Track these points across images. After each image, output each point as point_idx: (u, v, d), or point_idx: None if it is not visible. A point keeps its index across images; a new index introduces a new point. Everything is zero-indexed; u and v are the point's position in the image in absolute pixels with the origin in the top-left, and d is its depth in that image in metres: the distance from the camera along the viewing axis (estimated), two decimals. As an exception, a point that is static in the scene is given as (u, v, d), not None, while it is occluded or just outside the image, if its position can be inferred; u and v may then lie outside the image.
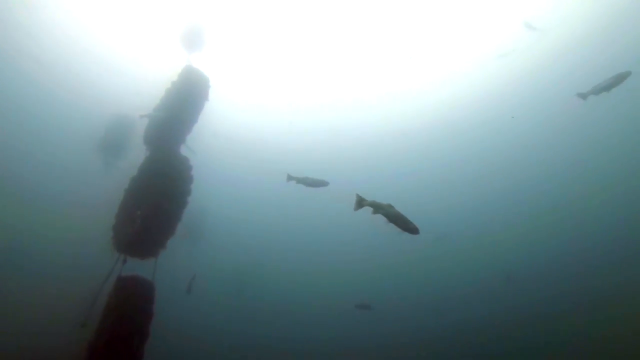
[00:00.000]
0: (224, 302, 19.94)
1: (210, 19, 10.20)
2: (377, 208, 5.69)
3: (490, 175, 32.51)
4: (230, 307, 19.67)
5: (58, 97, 24.68)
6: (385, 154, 32.65)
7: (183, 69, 9.00)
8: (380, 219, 5.68)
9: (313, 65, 27.72)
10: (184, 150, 8.88)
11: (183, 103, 8.43)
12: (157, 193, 7.97)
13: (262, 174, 28.91)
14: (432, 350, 19.12)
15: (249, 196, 29.25)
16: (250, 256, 23.62)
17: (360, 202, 5.89)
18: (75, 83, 24.90)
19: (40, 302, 12.89)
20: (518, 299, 22.61)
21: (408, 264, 25.85)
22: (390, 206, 5.62)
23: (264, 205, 28.89)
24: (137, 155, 8.96)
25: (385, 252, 25.41)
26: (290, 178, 8.94)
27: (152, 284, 7.52)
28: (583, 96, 9.01)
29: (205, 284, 18.83)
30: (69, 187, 20.88)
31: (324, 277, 25.67)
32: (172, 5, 17.38)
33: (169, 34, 10.23)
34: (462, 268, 26.66)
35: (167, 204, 7.92)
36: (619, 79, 8.33)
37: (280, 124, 30.09)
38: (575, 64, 25.72)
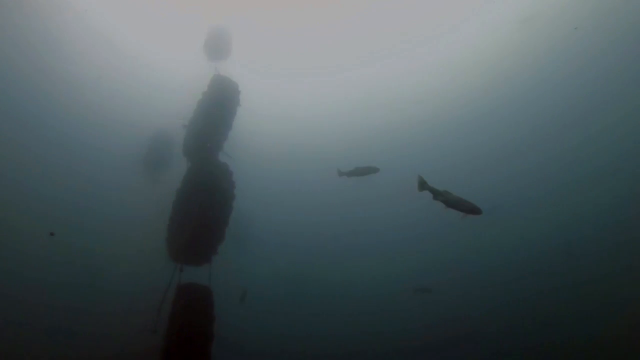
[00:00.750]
0: (282, 302, 20.27)
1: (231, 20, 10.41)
2: (437, 194, 5.65)
3: (533, 144, 30.92)
4: (289, 306, 19.96)
5: (97, 120, 26.26)
6: (419, 131, 31.95)
7: (212, 78, 9.25)
8: (432, 202, 5.65)
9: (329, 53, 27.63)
10: (222, 157, 9.14)
11: (217, 112, 8.68)
12: (202, 202, 8.27)
13: (301, 168, 29.25)
14: (495, 328, 18.52)
15: (292, 192, 29.52)
16: (302, 254, 23.79)
17: (423, 184, 5.86)
18: (112, 103, 26.37)
19: (118, 313, 14.01)
20: (579, 274, 21.33)
21: (461, 243, 25.00)
22: (447, 192, 5.57)
23: (308, 200, 29.07)
24: (179, 167, 9.34)
25: (436, 233, 24.85)
26: (341, 173, 8.92)
27: (209, 289, 7.84)
28: None
29: (260, 286, 19.34)
30: (125, 207, 22.12)
31: (379, 265, 25.40)
32: (197, 17, 17.94)
33: (196, 44, 10.49)
34: (517, 242, 25.51)
35: (213, 211, 8.21)
36: None
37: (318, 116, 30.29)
38: (611, 26, 23.66)
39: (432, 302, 19.30)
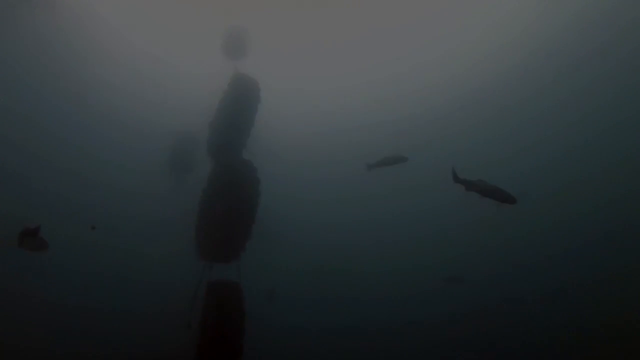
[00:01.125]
0: (310, 297, 20.32)
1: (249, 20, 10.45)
2: (471, 185, 5.55)
3: (562, 125, 29.72)
4: (317, 302, 19.99)
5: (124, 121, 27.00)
6: (445, 119, 31.35)
7: (232, 77, 9.32)
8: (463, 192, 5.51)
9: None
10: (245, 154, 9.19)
11: (239, 110, 8.75)
12: (229, 200, 8.36)
13: (325, 162, 29.27)
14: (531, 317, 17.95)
15: (317, 187, 29.52)
16: (330, 249, 23.72)
17: (456, 176, 5.80)
18: (134, 105, 27.07)
19: (149, 311, 14.43)
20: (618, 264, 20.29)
21: (489, 230, 24.29)
22: (481, 181, 5.44)
23: (334, 194, 28.99)
24: (204, 167, 9.47)
25: (463, 222, 24.29)
26: (370, 167, 8.74)
27: (238, 285, 7.95)
28: None
29: (288, 282, 19.46)
30: (151, 207, 22.66)
31: (410, 256, 25.04)
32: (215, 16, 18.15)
33: (215, 43, 10.59)
34: (548, 229, 24.55)
35: (240, 209, 8.30)
36: None
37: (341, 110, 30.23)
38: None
39: (464, 293, 18.86)
